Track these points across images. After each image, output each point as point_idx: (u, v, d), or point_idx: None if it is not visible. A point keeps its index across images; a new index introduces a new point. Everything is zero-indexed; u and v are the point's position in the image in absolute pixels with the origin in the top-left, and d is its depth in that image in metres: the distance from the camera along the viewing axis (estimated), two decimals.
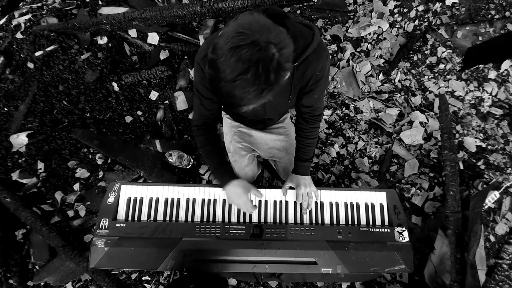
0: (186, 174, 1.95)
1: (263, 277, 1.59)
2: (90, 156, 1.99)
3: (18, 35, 2.26)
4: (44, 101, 2.11)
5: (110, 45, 2.23)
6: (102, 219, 1.16)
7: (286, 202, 1.25)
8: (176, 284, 1.59)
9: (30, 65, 2.18)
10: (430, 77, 2.13)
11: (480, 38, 2.18)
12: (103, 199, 1.20)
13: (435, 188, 1.85)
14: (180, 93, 2.10)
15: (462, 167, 1.86)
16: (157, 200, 1.22)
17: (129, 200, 1.22)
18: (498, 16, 2.23)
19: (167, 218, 1.20)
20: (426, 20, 2.27)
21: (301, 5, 2.35)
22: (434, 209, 1.80)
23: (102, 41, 2.22)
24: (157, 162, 1.92)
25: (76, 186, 1.92)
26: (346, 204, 1.26)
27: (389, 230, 1.19)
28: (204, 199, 1.23)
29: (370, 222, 1.23)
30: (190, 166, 1.95)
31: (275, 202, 1.25)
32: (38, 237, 1.77)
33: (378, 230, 1.19)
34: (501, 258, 1.56)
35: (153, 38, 2.22)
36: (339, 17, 2.32)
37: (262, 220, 1.21)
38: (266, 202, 1.25)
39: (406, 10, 2.30)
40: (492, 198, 1.62)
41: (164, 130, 2.05)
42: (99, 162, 1.97)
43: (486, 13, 2.25)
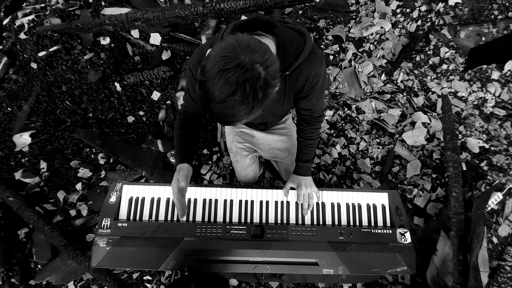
0: None
1: (264, 277, 1.59)
2: (93, 155, 2.00)
3: (22, 36, 2.28)
4: (47, 101, 2.13)
5: (112, 45, 2.24)
6: (104, 219, 1.16)
7: (287, 202, 1.25)
8: (177, 284, 1.59)
9: (34, 65, 2.20)
10: (432, 77, 2.12)
11: (483, 39, 2.17)
12: (105, 199, 1.21)
13: (438, 189, 1.84)
14: (182, 93, 2.10)
15: (465, 168, 1.85)
16: (158, 200, 1.22)
17: (131, 199, 1.22)
18: (501, 16, 2.22)
19: (169, 218, 1.20)
20: (429, 20, 2.26)
21: (303, 5, 2.35)
22: (436, 210, 1.79)
23: (105, 41, 2.23)
24: (158, 162, 1.93)
25: (78, 186, 1.93)
26: (347, 205, 1.25)
27: (391, 232, 1.18)
28: (205, 199, 1.23)
29: (372, 223, 1.23)
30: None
31: (277, 202, 1.25)
32: (41, 236, 1.78)
33: (380, 231, 1.18)
34: (503, 260, 1.55)
35: (155, 38, 2.23)
36: (341, 17, 2.32)
37: (264, 220, 1.21)
38: (267, 202, 1.24)
39: (408, 10, 2.29)
40: (495, 199, 1.61)
41: (166, 130, 2.06)
42: (101, 161, 1.98)
43: (489, 13, 2.24)
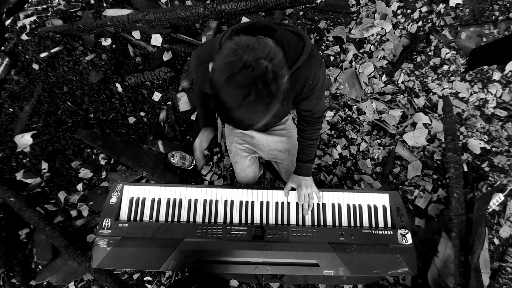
0: (188, 175, 1.96)
1: (265, 278, 1.59)
2: (94, 156, 2.00)
3: (24, 37, 2.29)
4: (48, 101, 2.13)
5: (114, 46, 2.24)
6: (105, 219, 1.16)
7: (288, 203, 1.25)
8: (177, 284, 1.59)
9: (35, 66, 2.21)
10: (433, 78, 2.11)
11: (484, 39, 2.17)
12: (106, 199, 1.21)
13: (439, 190, 1.83)
14: (182, 94, 2.11)
15: (466, 169, 1.84)
16: (159, 200, 1.23)
17: (131, 200, 1.22)
18: (502, 17, 2.22)
19: (169, 219, 1.20)
20: (429, 21, 2.26)
21: (303, 6, 2.35)
22: (437, 211, 1.78)
23: (106, 42, 2.24)
24: (159, 163, 1.93)
25: (79, 186, 1.94)
26: (348, 206, 1.25)
27: (392, 233, 1.18)
28: (206, 200, 1.23)
29: (373, 224, 1.22)
30: (192, 167, 1.95)
31: (277, 203, 1.25)
32: (41, 236, 1.78)
33: (381, 232, 1.18)
34: (505, 261, 1.54)
35: (156, 39, 2.23)
36: (342, 18, 2.32)
37: (264, 221, 1.21)
38: (268, 203, 1.24)
39: (409, 11, 2.29)
40: (496, 200, 1.61)
41: (166, 131, 2.06)
42: (102, 162, 1.98)
43: (490, 14, 2.24)
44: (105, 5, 2.39)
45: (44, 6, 2.41)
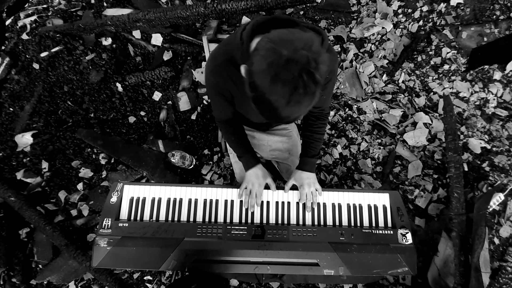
0: (189, 175, 1.96)
1: (265, 278, 1.59)
2: (94, 156, 2.01)
3: (24, 36, 2.29)
4: (49, 101, 2.13)
5: (114, 46, 2.24)
6: (105, 219, 1.16)
7: (288, 203, 1.25)
8: (177, 284, 1.59)
9: (36, 65, 2.21)
10: (434, 78, 2.11)
11: (485, 39, 2.16)
12: (106, 199, 1.21)
13: (439, 190, 1.83)
14: (183, 93, 2.11)
15: (466, 169, 1.84)
16: (159, 200, 1.23)
17: (131, 200, 1.22)
18: (503, 16, 2.21)
19: (169, 218, 1.20)
20: (430, 20, 2.25)
21: (304, 6, 2.35)
22: (438, 211, 1.78)
23: (107, 42, 2.24)
24: (159, 162, 1.93)
25: (79, 186, 1.94)
26: (348, 205, 1.25)
27: (392, 232, 1.18)
28: (206, 200, 1.23)
29: (373, 224, 1.22)
30: (192, 166, 1.95)
31: (277, 203, 1.24)
32: (42, 236, 1.79)
33: (381, 232, 1.18)
34: (505, 260, 1.54)
35: (156, 39, 2.23)
36: (343, 17, 2.31)
37: (264, 221, 1.21)
38: (268, 202, 1.24)
39: (410, 10, 2.28)
40: (496, 200, 1.60)
41: (167, 131, 2.06)
42: (103, 162, 1.98)
43: (491, 13, 2.23)
44: (105, 4, 2.38)
45: (44, 6, 2.41)
